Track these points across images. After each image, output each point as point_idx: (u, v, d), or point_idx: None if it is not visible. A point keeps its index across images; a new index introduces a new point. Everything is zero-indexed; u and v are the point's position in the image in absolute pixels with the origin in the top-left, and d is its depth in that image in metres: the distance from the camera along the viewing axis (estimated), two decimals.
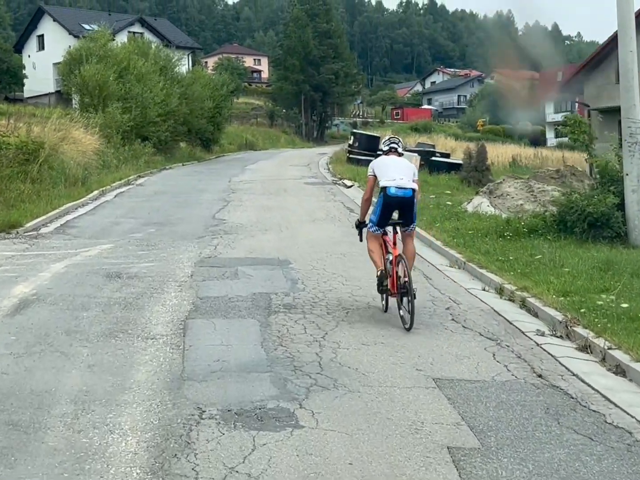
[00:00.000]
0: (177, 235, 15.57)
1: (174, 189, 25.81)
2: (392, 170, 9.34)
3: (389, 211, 9.39)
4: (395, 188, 9.15)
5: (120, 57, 39.16)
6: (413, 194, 9.25)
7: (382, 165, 9.54)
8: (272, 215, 18.96)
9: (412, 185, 9.28)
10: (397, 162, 9.58)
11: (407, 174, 9.36)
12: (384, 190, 9.23)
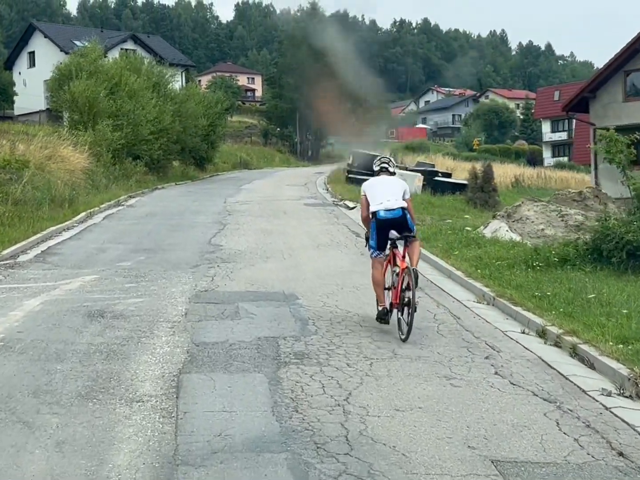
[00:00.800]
0: (170, 263, 14.10)
1: (167, 211, 24.36)
2: (379, 194, 9.68)
3: (384, 233, 9.62)
4: (383, 211, 9.50)
5: (111, 72, 37.77)
6: (403, 212, 9.55)
7: (371, 188, 9.89)
8: (273, 240, 17.50)
9: (399, 205, 9.56)
10: (387, 182, 9.93)
11: (395, 194, 9.67)
12: (375, 215, 9.58)
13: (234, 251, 15.69)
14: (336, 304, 10.80)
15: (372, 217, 9.64)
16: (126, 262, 14.12)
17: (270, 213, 23.56)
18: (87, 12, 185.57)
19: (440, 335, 9.24)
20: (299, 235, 18.58)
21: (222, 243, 16.90)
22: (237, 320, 9.69)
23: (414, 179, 33.15)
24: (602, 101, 41.14)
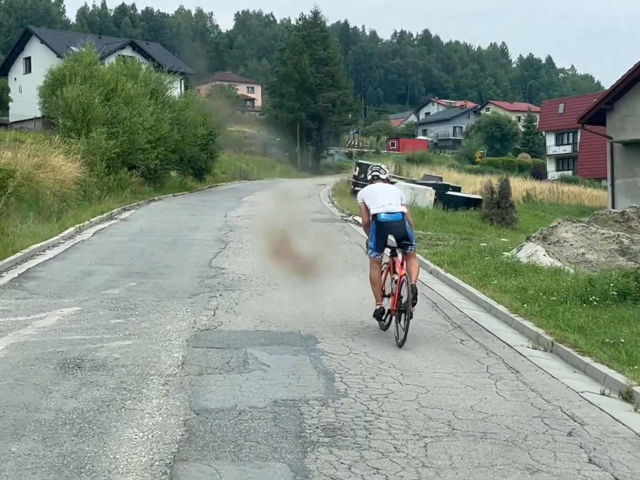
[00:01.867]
0: (165, 291, 12.21)
1: (163, 226, 22.49)
2: (380, 198, 9.96)
3: (383, 235, 9.95)
4: (385, 214, 9.80)
5: (107, 78, 35.81)
6: (403, 217, 9.85)
7: (370, 194, 10.17)
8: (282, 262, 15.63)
9: (400, 209, 9.90)
10: (384, 188, 10.25)
11: (394, 199, 9.99)
12: (375, 217, 9.85)
13: (238, 276, 13.82)
14: (365, 350, 8.91)
15: (373, 220, 9.90)
16: (114, 290, 12.22)
17: None
18: (86, 19, 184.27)
19: (503, 399, 7.35)
20: None
21: (224, 265, 15.02)
22: (245, 373, 7.80)
23: (426, 193, 31.36)
24: (620, 113, 39.33)
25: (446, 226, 25.25)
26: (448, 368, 8.30)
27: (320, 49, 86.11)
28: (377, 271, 10.14)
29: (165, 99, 41.59)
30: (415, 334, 9.72)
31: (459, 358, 8.76)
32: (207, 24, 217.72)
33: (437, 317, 11.02)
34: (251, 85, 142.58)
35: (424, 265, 15.70)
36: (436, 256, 16.31)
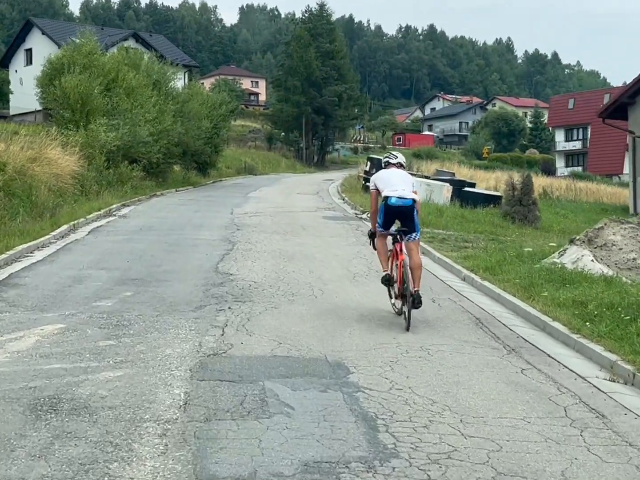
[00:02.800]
0: (165, 303, 10.55)
1: (164, 223, 20.85)
2: (393, 181, 10.14)
3: (391, 218, 10.22)
4: (396, 198, 9.96)
5: (107, 67, 34.15)
6: (413, 204, 10.03)
7: (383, 178, 10.35)
8: (296, 267, 13.96)
9: (412, 196, 10.07)
10: (397, 174, 10.38)
11: (407, 186, 10.16)
12: (386, 200, 10.02)
13: (249, 284, 12.15)
14: (409, 384, 7.24)
15: (383, 201, 10.11)
16: (107, 301, 10.55)
17: (286, 228, 20.03)
18: (90, 12, 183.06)
19: (598, 459, 5.65)
20: (327, 260, 15.05)
21: (232, 270, 13.36)
22: (265, 419, 6.13)
23: (442, 190, 29.71)
24: None
25: (466, 225, 23.63)
26: (516, 411, 6.64)
27: (326, 42, 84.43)
28: (382, 242, 10.52)
29: (168, 90, 39.95)
30: (466, 361, 8.10)
31: (526, 396, 7.10)
32: (211, 18, 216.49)
33: (484, 337, 9.36)
34: (255, 80, 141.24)
35: (456, 272, 14.07)
36: (468, 260, 14.65)
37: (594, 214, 35.67)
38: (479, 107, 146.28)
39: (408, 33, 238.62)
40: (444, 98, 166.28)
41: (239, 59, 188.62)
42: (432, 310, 10.69)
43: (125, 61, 36.43)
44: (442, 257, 15.40)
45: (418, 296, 9.60)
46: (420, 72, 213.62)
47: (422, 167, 52.65)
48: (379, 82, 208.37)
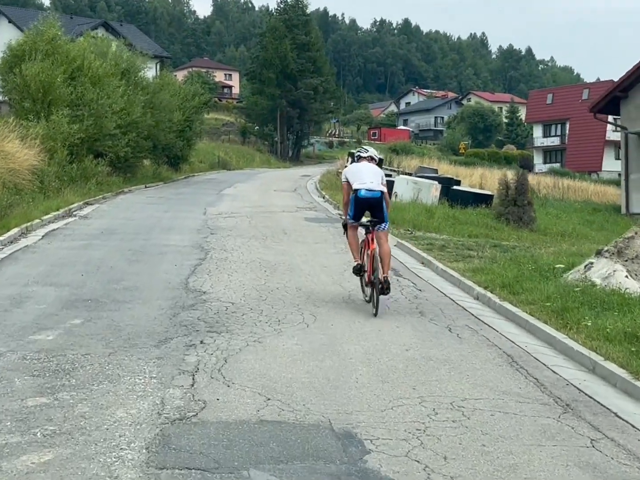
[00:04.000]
0: (121, 335, 8.46)
1: (130, 226, 18.72)
2: (363, 175, 10.63)
3: (361, 209, 10.66)
4: (365, 190, 10.45)
5: (72, 55, 31.78)
6: (381, 195, 10.51)
7: (355, 171, 10.83)
8: (280, 282, 11.90)
9: (380, 188, 10.54)
10: (367, 167, 10.83)
11: (376, 179, 10.61)
12: (356, 192, 10.50)
13: (225, 306, 10.10)
14: (450, 471, 5.22)
15: (353, 194, 10.50)
16: (48, 333, 8.43)
17: (265, 232, 17.97)
18: (61, 3, 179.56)
19: None
20: (315, 273, 13.01)
21: (205, 287, 11.28)
22: None
23: (431, 188, 27.74)
24: (635, 101, 35.93)
25: (459, 227, 21.78)
26: None
27: (302, 33, 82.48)
28: (354, 233, 10.86)
29: (138, 80, 37.69)
30: (515, 427, 6.11)
31: None
32: (184, 10, 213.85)
33: (526, 385, 7.37)
34: (229, 72, 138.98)
35: (466, 288, 12.09)
36: (478, 274, 12.66)
37: (586, 214, 33.95)
38: (454, 102, 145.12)
39: (383, 27, 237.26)
40: (418, 92, 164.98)
41: (212, 51, 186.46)
42: (452, 344, 8.70)
43: (91, 48, 34.08)
44: (447, 269, 13.43)
45: (387, 282, 10.05)
46: (394, 66, 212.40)
47: (402, 162, 50.79)
48: (353, 76, 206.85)
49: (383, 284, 9.94)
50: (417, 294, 11.57)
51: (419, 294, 11.58)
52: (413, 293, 11.62)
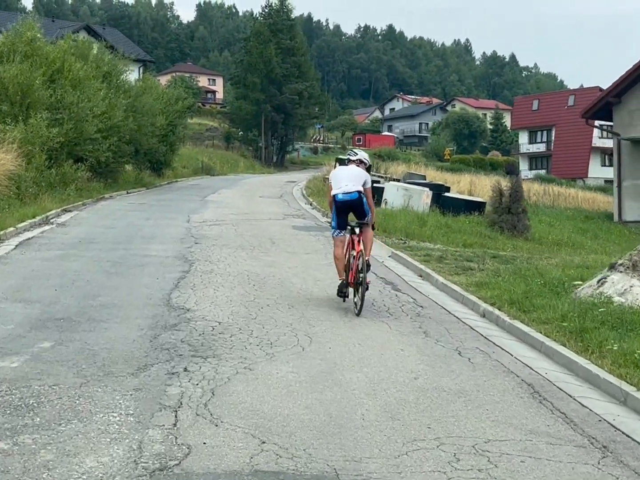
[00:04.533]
0: (96, 361, 7.54)
1: (109, 234, 17.78)
2: (341, 179, 10.85)
3: (342, 213, 10.83)
4: (342, 194, 10.68)
5: (51, 57, 30.83)
6: (359, 196, 10.67)
7: (335, 177, 11.08)
8: (271, 298, 10.97)
9: (356, 189, 10.66)
10: (347, 171, 11.08)
11: (353, 180, 10.79)
12: (334, 198, 10.82)
13: (211, 325, 9.20)
14: None
15: (332, 200, 10.85)
16: (12, 359, 7.48)
17: (252, 242, 17.07)
18: (43, 7, 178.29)
19: None
20: (308, 287, 12.12)
21: (189, 303, 10.37)
22: None
23: (422, 195, 26.91)
24: (628, 107, 35.28)
25: (453, 236, 20.99)
26: None
27: (286, 38, 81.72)
28: (340, 249, 10.86)
29: (119, 83, 36.75)
30: (549, 476, 5.25)
31: None
32: (167, 15, 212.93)
33: (555, 422, 6.50)
34: (212, 77, 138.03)
35: (470, 304, 11.23)
36: (482, 289, 11.80)
37: (579, 222, 33.26)
38: (438, 108, 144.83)
39: (367, 33, 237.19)
40: (403, 98, 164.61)
41: (196, 56, 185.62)
42: (464, 370, 7.84)
43: (71, 50, 33.10)
44: (448, 283, 12.56)
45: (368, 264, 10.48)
46: (379, 72, 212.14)
47: (389, 168, 50.08)
48: (337, 82, 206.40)
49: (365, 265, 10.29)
50: (419, 311, 10.71)
51: (421, 311, 10.72)
52: (414, 310, 10.75)
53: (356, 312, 10.16)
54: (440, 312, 10.68)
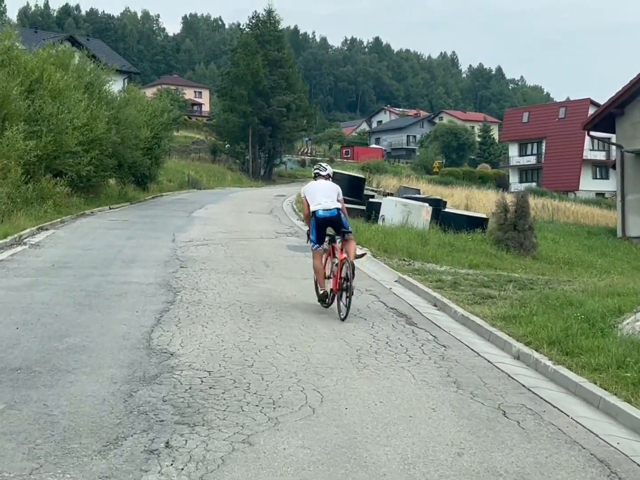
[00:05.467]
0: (54, 433, 5.91)
1: (86, 257, 16.16)
2: (319, 195, 11.28)
3: (322, 229, 11.26)
4: (322, 211, 11.11)
5: (30, 66, 29.25)
6: (338, 212, 11.16)
7: (311, 191, 11.50)
8: (269, 337, 9.37)
9: (335, 205, 11.20)
10: (322, 187, 11.48)
11: (331, 196, 11.29)
12: (314, 214, 11.19)
13: (200, 377, 7.59)
14: None
15: (312, 216, 11.24)
16: None
17: (244, 265, 15.49)
18: (28, 19, 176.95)
19: None
20: (311, 321, 10.46)
21: (173, 346, 8.77)
22: None
23: (421, 211, 25.39)
24: (632, 119, 33.96)
25: (457, 255, 19.49)
26: None
27: (274, 49, 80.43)
28: (319, 260, 11.34)
29: (102, 94, 35.16)
30: None
31: None
32: (153, 27, 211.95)
33: None
34: (198, 90, 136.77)
35: (499, 342, 9.68)
36: (512, 324, 10.23)
37: (583, 238, 31.87)
38: (426, 120, 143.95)
39: (353, 45, 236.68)
40: (390, 111, 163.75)
41: (182, 69, 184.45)
42: (517, 440, 6.26)
43: (51, 60, 31.50)
44: (470, 315, 10.98)
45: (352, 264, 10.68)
46: (365, 84, 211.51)
47: (381, 182, 48.66)
48: (324, 95, 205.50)
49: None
50: (442, 352, 9.15)
51: (445, 352, 9.16)
52: (437, 351, 9.19)
53: (342, 318, 10.47)
54: (468, 354, 9.13)
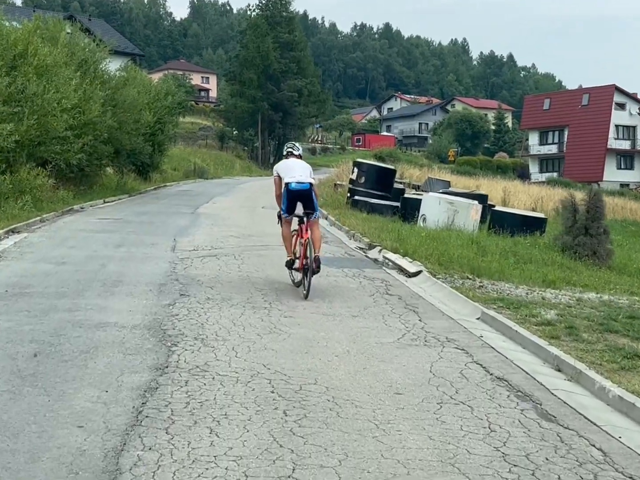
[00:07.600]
0: None
1: (56, 276, 12.12)
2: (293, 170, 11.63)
3: (293, 201, 11.61)
4: (295, 183, 11.43)
5: (12, 38, 25.22)
6: (310, 187, 11.53)
7: (284, 167, 11.84)
8: (327, 458, 5.40)
9: (309, 180, 11.58)
10: (297, 163, 11.90)
11: (306, 173, 11.68)
12: (287, 186, 11.50)
13: None
14: None
15: (285, 187, 11.51)
16: None
17: (267, 291, 11.40)
18: (33, 2, 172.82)
19: None
20: (384, 411, 6.55)
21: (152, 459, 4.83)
22: None
23: (469, 211, 21.28)
24: None
25: (526, 269, 15.47)
26: None
27: (285, 31, 76.49)
28: (288, 228, 11.92)
29: (97, 72, 31.16)
30: None
31: None
32: (160, 11, 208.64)
33: None
34: (206, 75, 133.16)
35: None
36: None
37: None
38: (438, 107, 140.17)
39: (363, 31, 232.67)
40: (401, 98, 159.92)
41: (189, 54, 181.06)
42: None
43: (38, 31, 27.44)
44: (629, 397, 6.94)
45: (318, 259, 11.07)
46: (375, 71, 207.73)
47: (404, 172, 44.34)
48: (333, 81, 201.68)
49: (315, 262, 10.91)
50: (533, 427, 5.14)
51: None
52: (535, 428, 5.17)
53: (304, 295, 10.94)
54: None
